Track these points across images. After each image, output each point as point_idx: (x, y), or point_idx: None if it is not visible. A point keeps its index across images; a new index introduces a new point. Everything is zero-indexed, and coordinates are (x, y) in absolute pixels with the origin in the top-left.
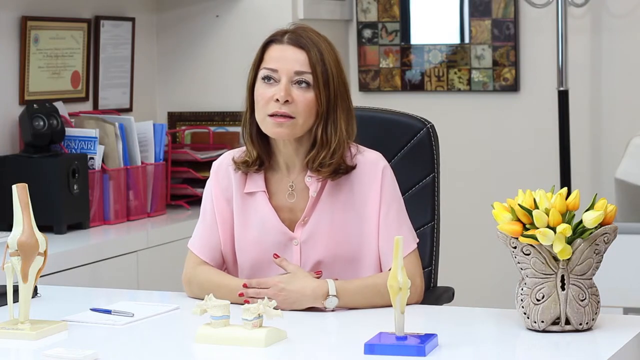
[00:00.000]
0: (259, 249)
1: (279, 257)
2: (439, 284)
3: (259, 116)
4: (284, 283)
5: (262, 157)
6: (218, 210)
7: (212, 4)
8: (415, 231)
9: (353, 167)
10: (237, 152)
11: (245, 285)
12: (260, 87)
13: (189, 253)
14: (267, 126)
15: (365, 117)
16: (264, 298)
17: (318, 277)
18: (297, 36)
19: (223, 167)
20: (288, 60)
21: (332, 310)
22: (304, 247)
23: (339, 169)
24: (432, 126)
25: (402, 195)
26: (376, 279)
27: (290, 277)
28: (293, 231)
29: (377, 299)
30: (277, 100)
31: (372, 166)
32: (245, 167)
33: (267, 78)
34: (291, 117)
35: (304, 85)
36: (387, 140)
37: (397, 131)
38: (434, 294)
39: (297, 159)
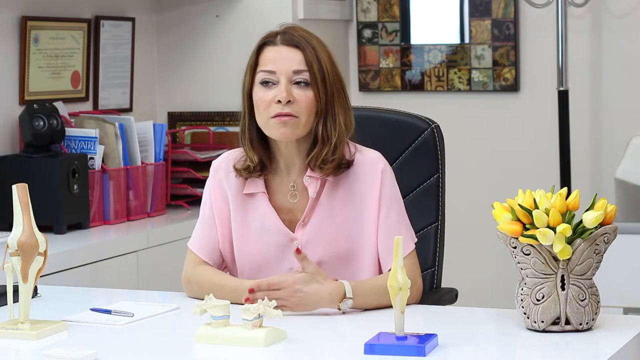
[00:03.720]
0: (260, 250)
1: (301, 252)
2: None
3: (262, 120)
4: (300, 284)
5: (263, 162)
6: (217, 209)
7: (212, 4)
8: (419, 232)
9: (351, 162)
10: (237, 154)
11: (251, 290)
12: (259, 91)
13: (188, 252)
14: (271, 128)
15: (370, 117)
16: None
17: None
18: (290, 36)
19: (222, 166)
20: (285, 60)
21: (343, 313)
22: (305, 247)
23: (340, 165)
24: (437, 126)
25: (406, 196)
26: (385, 280)
27: (308, 278)
28: (293, 232)
29: (385, 298)
30: (279, 101)
31: (371, 166)
32: (247, 173)
33: (265, 82)
34: (294, 117)
35: (302, 84)
36: (391, 140)
37: (402, 131)
38: (436, 295)
39: (298, 160)
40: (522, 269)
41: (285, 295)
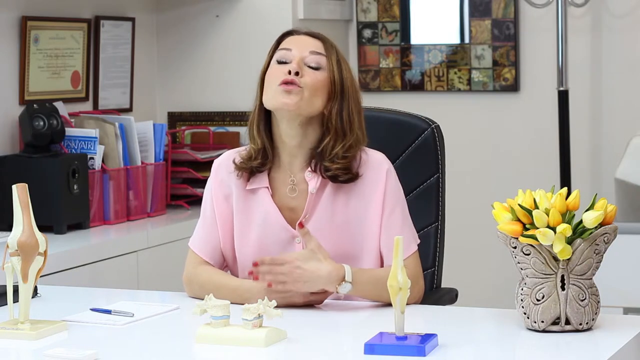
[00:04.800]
0: (261, 247)
1: (303, 227)
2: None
3: (268, 93)
4: (301, 261)
5: (266, 149)
6: (218, 209)
7: (212, 4)
8: (419, 232)
9: (357, 176)
10: (239, 152)
11: (255, 264)
12: (272, 68)
13: (189, 252)
14: (274, 95)
15: (370, 117)
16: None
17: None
18: (312, 31)
19: (224, 165)
20: (304, 42)
21: (340, 298)
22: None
23: (347, 169)
24: (437, 126)
25: (406, 196)
26: (388, 273)
27: (308, 255)
28: (295, 229)
29: (385, 292)
30: (289, 72)
31: (376, 166)
32: (248, 161)
33: (281, 61)
34: (298, 86)
35: (315, 66)
36: (391, 140)
37: (402, 131)
38: (436, 295)
39: (301, 153)
40: (522, 269)
41: (287, 271)
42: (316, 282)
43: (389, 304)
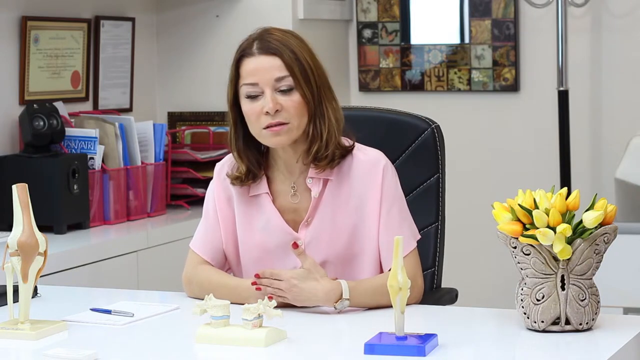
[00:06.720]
0: (264, 251)
1: (298, 247)
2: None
3: (254, 131)
4: (297, 279)
5: (252, 170)
6: (220, 211)
7: (212, 4)
8: (419, 232)
9: (351, 150)
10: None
11: (257, 276)
12: (246, 104)
13: (189, 252)
14: (265, 138)
15: (370, 117)
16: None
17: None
18: (266, 43)
19: (226, 168)
20: (265, 70)
21: (339, 312)
22: (308, 247)
23: (334, 156)
24: (438, 126)
25: (406, 196)
26: (384, 279)
27: (304, 274)
28: (297, 232)
29: (384, 298)
30: (267, 112)
31: (373, 164)
32: (239, 182)
33: (250, 96)
34: (285, 124)
35: (286, 89)
36: (391, 140)
37: (402, 131)
38: (436, 295)
39: (297, 162)
40: (522, 269)
41: (284, 287)
42: (313, 301)
43: (389, 305)
